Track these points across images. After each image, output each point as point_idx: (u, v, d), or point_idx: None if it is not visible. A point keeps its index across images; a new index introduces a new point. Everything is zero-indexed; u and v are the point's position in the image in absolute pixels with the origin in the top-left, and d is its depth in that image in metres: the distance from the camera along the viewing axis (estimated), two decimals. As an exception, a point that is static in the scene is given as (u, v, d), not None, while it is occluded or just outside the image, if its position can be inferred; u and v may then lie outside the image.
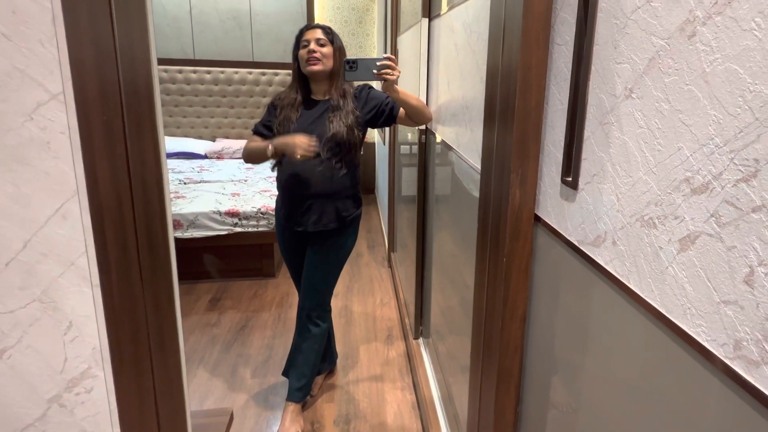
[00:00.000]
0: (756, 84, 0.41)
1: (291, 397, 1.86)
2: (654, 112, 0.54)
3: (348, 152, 1.66)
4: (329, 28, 1.67)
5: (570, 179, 0.72)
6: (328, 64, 1.64)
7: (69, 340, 0.83)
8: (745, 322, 0.42)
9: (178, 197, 3.03)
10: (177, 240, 2.75)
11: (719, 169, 0.45)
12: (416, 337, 2.27)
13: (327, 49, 1.63)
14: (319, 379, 2.06)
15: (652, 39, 0.54)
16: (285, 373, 1.97)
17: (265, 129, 1.73)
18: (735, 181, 0.43)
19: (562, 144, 0.73)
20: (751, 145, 0.41)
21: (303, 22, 4.39)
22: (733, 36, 0.43)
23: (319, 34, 1.64)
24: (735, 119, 0.43)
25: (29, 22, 0.72)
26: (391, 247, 3.25)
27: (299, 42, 1.64)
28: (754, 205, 0.41)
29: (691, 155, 0.48)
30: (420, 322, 2.26)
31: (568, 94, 0.71)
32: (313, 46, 1.61)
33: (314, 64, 1.62)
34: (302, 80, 1.69)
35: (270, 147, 1.59)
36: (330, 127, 1.62)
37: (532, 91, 0.79)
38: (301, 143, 1.52)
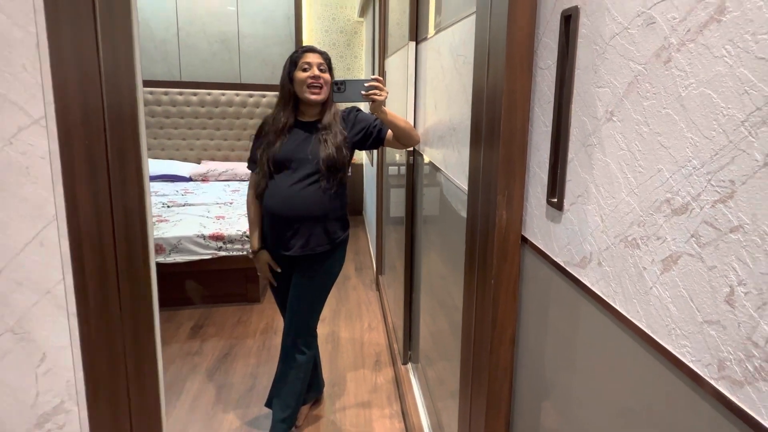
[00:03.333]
0: (729, 108, 0.42)
1: (275, 430, 1.80)
2: (634, 135, 0.55)
3: (337, 174, 1.66)
4: (328, 55, 1.68)
5: (555, 200, 0.72)
6: (326, 91, 1.64)
7: (42, 373, 0.80)
8: (727, 342, 0.42)
9: (161, 221, 2.99)
10: (159, 265, 2.70)
11: (698, 191, 0.45)
12: (405, 362, 2.24)
13: (327, 76, 1.63)
14: (304, 410, 2.00)
15: (630, 64, 0.56)
16: (268, 404, 1.91)
17: (255, 164, 1.72)
18: (713, 202, 0.44)
19: (547, 165, 0.74)
20: (726, 167, 0.42)
21: (291, 45, 4.45)
22: (705, 62, 0.45)
23: (320, 59, 1.63)
24: (710, 142, 0.44)
25: (13, 47, 0.72)
26: (379, 269, 3.23)
27: (297, 63, 1.62)
28: (731, 226, 0.42)
29: (670, 177, 0.49)
30: (409, 346, 2.23)
31: (551, 117, 0.73)
32: (316, 71, 1.60)
33: (317, 93, 1.61)
34: (294, 103, 1.67)
35: (250, 254, 1.80)
36: (321, 149, 1.62)
37: (517, 114, 0.80)
38: (264, 274, 1.78)
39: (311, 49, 1.65)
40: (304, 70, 1.61)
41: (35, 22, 0.72)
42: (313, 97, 1.61)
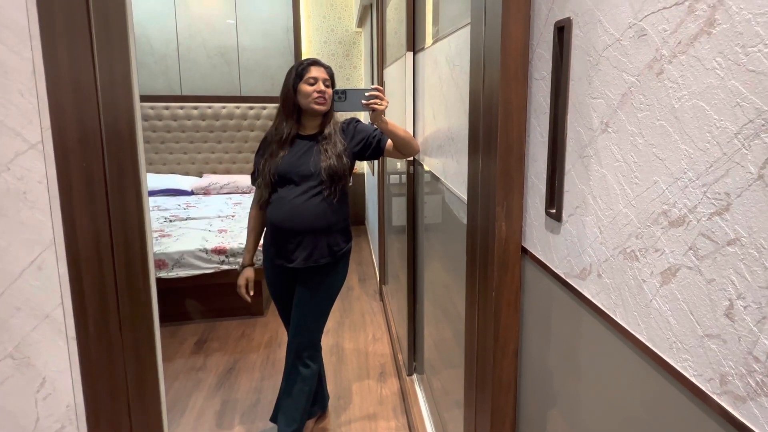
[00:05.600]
0: (721, 120, 0.42)
1: (281, 443, 1.79)
2: (629, 146, 0.55)
3: (339, 183, 1.67)
4: (332, 71, 1.70)
5: (554, 211, 0.72)
6: (329, 104, 1.66)
7: (42, 398, 0.79)
8: (729, 357, 0.42)
9: (163, 236, 2.99)
10: (161, 280, 2.70)
11: (694, 203, 0.45)
12: (410, 374, 2.22)
13: (330, 91, 1.65)
14: (310, 424, 1.98)
15: (623, 75, 0.55)
16: (273, 419, 1.90)
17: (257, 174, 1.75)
18: (709, 214, 0.43)
19: (545, 176, 0.74)
20: (721, 179, 0.42)
21: (290, 57, 4.48)
22: (697, 74, 0.44)
23: (325, 74, 1.65)
24: (705, 154, 0.44)
25: (9, 73, 0.73)
26: (383, 279, 3.22)
27: (302, 76, 1.64)
28: (728, 239, 0.41)
29: (666, 189, 0.49)
30: (413, 357, 2.21)
31: (548, 128, 0.73)
32: (322, 87, 1.63)
33: (322, 104, 1.63)
34: (297, 114, 1.68)
35: (239, 267, 1.86)
36: (322, 159, 1.63)
37: (514, 125, 0.80)
38: (240, 290, 1.83)
39: (316, 62, 1.66)
40: (311, 84, 1.63)
41: (31, 47, 0.73)
42: (318, 107, 1.63)
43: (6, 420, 0.79)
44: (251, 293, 1.84)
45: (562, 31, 0.68)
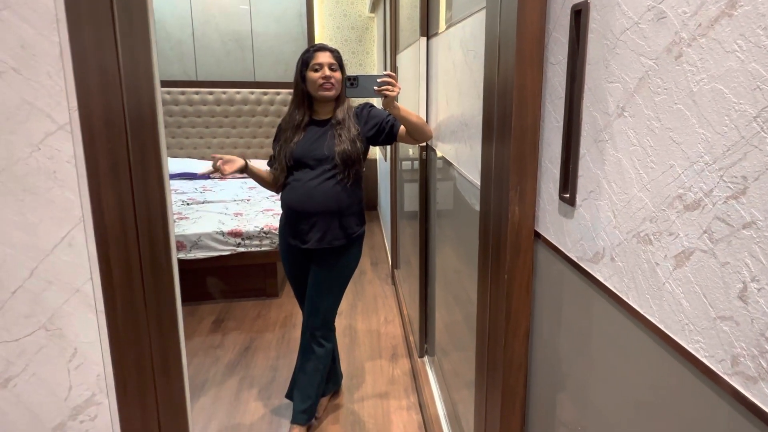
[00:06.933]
0: (741, 104, 0.42)
1: (296, 420, 1.84)
2: (646, 130, 0.55)
3: (352, 167, 1.68)
4: (338, 53, 1.69)
5: (567, 196, 0.72)
6: (338, 88, 1.66)
7: (74, 368, 0.84)
8: (741, 338, 0.42)
9: (181, 218, 3.05)
10: (180, 261, 2.76)
11: (710, 186, 0.45)
12: (421, 356, 2.26)
13: (338, 74, 1.65)
14: (324, 401, 2.04)
15: (641, 59, 0.55)
16: (289, 396, 1.96)
17: (273, 160, 1.77)
18: (725, 198, 0.44)
19: (559, 161, 0.74)
20: (738, 163, 0.42)
21: (304, 42, 4.47)
22: (717, 57, 0.44)
23: (330, 58, 1.65)
24: (722, 137, 0.44)
25: (38, 56, 0.75)
26: (395, 263, 3.24)
27: (308, 64, 1.64)
28: (744, 222, 0.42)
29: (682, 173, 0.49)
30: (425, 339, 2.24)
31: (563, 112, 0.73)
32: (327, 72, 1.63)
33: (329, 90, 1.64)
34: (308, 101, 1.70)
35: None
36: (336, 143, 1.64)
37: (528, 109, 0.80)
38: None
39: (322, 48, 1.66)
40: (316, 70, 1.63)
41: (58, 31, 0.75)
42: (325, 93, 1.64)
43: (41, 387, 0.84)
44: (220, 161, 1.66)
45: (579, 15, 0.67)
